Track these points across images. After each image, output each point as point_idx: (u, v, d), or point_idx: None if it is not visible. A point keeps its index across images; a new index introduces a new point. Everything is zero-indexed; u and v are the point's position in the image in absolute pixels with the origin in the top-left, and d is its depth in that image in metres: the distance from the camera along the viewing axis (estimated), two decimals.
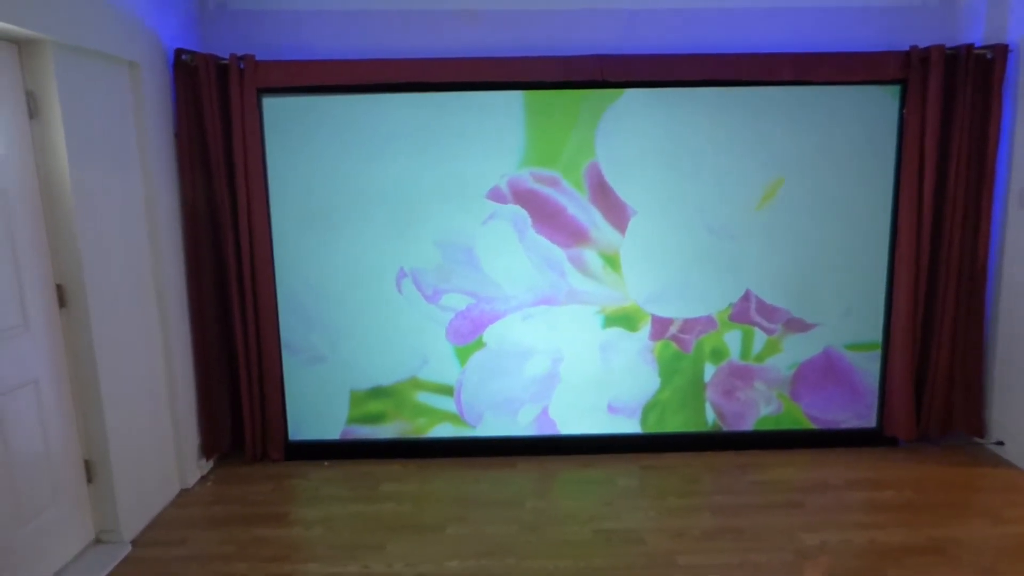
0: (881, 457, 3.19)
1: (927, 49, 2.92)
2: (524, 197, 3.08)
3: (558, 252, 3.13)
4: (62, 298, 2.39)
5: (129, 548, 2.53)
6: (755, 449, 3.28)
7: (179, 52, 2.83)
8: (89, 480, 2.50)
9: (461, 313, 3.17)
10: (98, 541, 2.54)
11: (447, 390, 3.25)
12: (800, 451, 3.26)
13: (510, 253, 3.12)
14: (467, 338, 3.19)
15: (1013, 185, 2.98)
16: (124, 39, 2.55)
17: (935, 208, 3.06)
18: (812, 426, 3.31)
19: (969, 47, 2.91)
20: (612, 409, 3.28)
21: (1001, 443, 3.13)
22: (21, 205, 2.22)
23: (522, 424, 3.29)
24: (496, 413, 3.28)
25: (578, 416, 3.29)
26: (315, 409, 3.26)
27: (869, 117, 3.05)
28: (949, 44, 2.96)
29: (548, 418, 3.29)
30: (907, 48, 2.94)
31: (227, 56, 2.90)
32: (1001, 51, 2.90)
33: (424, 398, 3.26)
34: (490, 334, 3.20)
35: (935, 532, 2.55)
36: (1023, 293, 2.96)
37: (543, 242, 3.11)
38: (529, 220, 3.10)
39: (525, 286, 3.15)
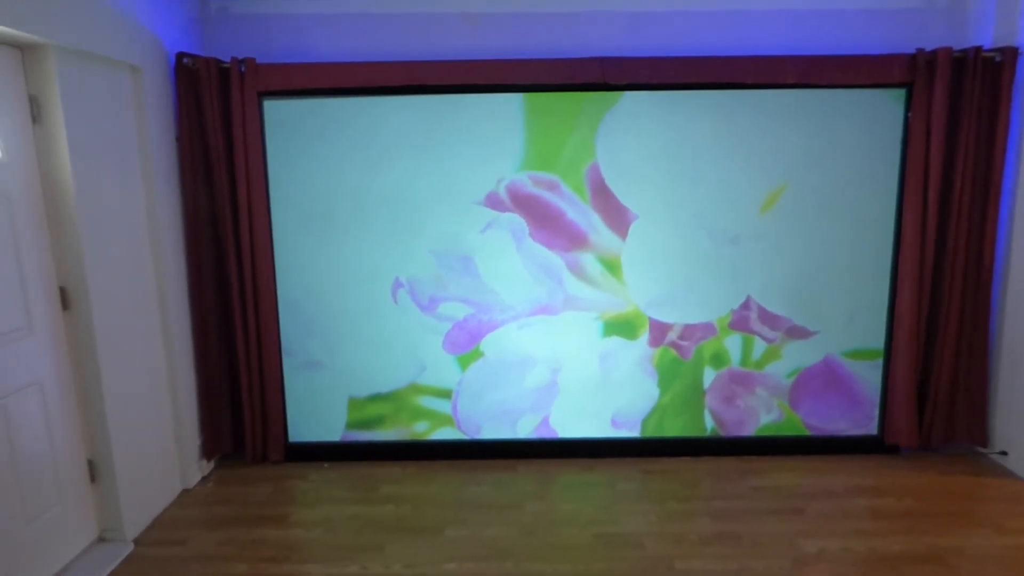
0: (882, 465, 3.16)
1: (933, 52, 2.88)
2: (522, 202, 3.07)
3: (556, 259, 3.11)
4: (65, 300, 2.41)
5: (131, 547, 2.56)
6: (756, 455, 3.27)
7: (180, 56, 2.84)
8: (92, 480, 2.54)
9: (458, 324, 3.16)
10: (101, 540, 2.58)
11: (447, 393, 3.26)
12: (801, 457, 3.24)
13: (508, 261, 3.11)
14: (464, 348, 3.20)
15: (1020, 190, 2.94)
16: (126, 43, 2.56)
17: (940, 214, 3.02)
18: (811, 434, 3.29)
19: (977, 50, 2.86)
20: (616, 424, 3.28)
21: (1004, 453, 3.09)
22: (24, 209, 2.24)
23: (522, 435, 3.29)
24: (495, 424, 3.29)
25: (579, 426, 3.29)
26: (315, 412, 3.28)
27: (874, 121, 3.02)
28: (957, 47, 2.92)
29: (549, 427, 3.29)
30: (913, 51, 2.91)
31: (228, 59, 2.91)
32: (1011, 54, 2.85)
33: (425, 402, 3.27)
34: (487, 343, 3.19)
35: (936, 541, 2.53)
36: None
37: (541, 250, 3.10)
38: (527, 228, 3.09)
39: (523, 296, 3.14)
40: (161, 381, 2.88)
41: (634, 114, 3.01)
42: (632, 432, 3.29)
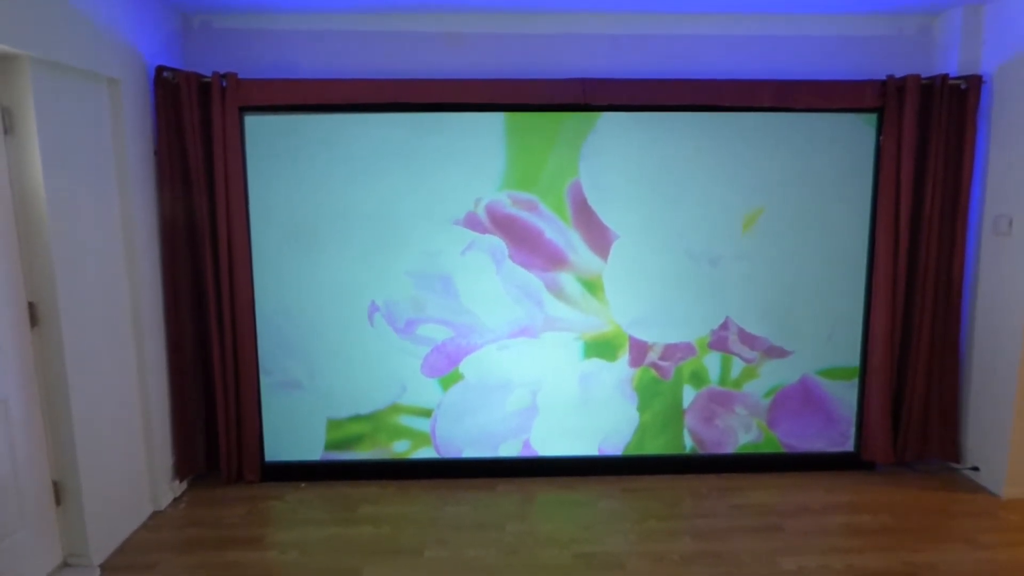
0: (859, 481, 3.21)
1: (903, 79, 2.98)
2: (501, 223, 3.07)
3: (535, 280, 3.11)
4: (34, 316, 2.34)
5: (98, 572, 2.47)
6: (735, 472, 3.29)
7: (160, 69, 2.81)
8: (58, 502, 2.45)
9: (437, 347, 3.14)
10: (66, 565, 2.48)
11: (428, 413, 3.22)
12: (780, 475, 3.27)
13: (487, 282, 3.10)
14: (443, 371, 3.17)
15: (987, 211, 3.03)
16: (104, 55, 2.53)
17: (911, 234, 3.10)
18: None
19: (944, 77, 2.96)
20: (602, 451, 3.28)
21: (976, 468, 3.15)
22: None
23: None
24: (476, 449, 3.25)
25: (560, 447, 3.27)
26: (293, 432, 3.21)
27: (847, 144, 3.10)
28: (925, 74, 3.02)
29: (530, 450, 3.27)
30: (884, 77, 3.00)
31: (210, 74, 2.88)
32: (975, 82, 2.96)
33: (405, 421, 3.23)
34: (467, 366, 3.17)
35: (912, 557, 2.56)
36: (997, 319, 3.00)
37: (520, 271, 3.10)
38: (506, 250, 3.09)
39: (503, 317, 3.13)
40: (133, 399, 2.80)
41: (615, 135, 3.05)
42: (615, 452, 3.29)
